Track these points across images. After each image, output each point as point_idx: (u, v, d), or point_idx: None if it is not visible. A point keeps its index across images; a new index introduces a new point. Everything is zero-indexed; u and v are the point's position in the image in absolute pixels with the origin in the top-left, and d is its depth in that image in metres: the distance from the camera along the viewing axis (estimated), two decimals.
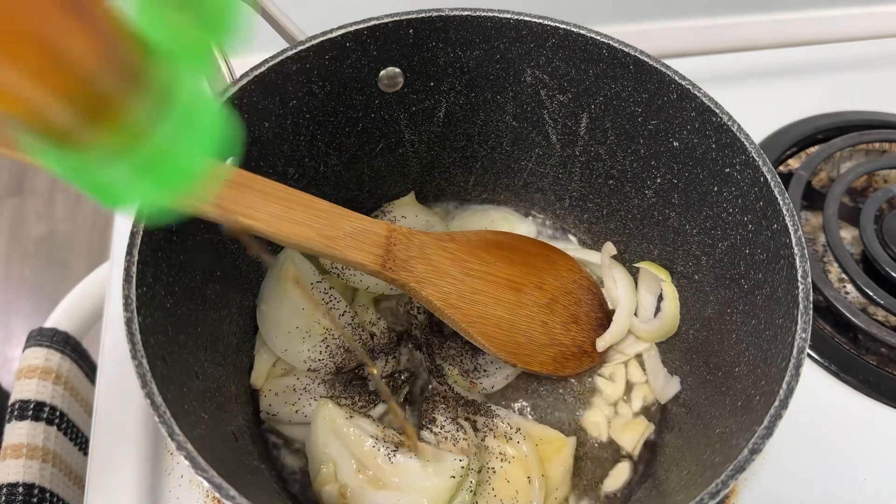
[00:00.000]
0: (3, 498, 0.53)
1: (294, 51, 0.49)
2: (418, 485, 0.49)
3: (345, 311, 0.58)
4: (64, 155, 0.24)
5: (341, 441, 0.51)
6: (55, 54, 0.21)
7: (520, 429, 0.53)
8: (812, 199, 0.71)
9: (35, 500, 0.54)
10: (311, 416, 0.54)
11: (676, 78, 0.49)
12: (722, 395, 0.49)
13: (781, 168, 0.75)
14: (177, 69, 0.25)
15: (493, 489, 0.51)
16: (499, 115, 0.59)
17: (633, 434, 0.56)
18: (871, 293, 0.62)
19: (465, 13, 0.51)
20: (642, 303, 0.60)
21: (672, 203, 0.55)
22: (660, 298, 0.59)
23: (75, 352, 0.66)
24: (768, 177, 0.45)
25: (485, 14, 0.51)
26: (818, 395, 0.60)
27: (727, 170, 0.48)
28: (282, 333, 0.57)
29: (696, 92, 0.48)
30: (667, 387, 0.57)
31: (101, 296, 0.67)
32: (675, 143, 0.51)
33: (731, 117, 0.47)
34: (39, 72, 0.21)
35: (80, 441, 0.63)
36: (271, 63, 0.49)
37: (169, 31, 0.25)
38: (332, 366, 0.56)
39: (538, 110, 0.57)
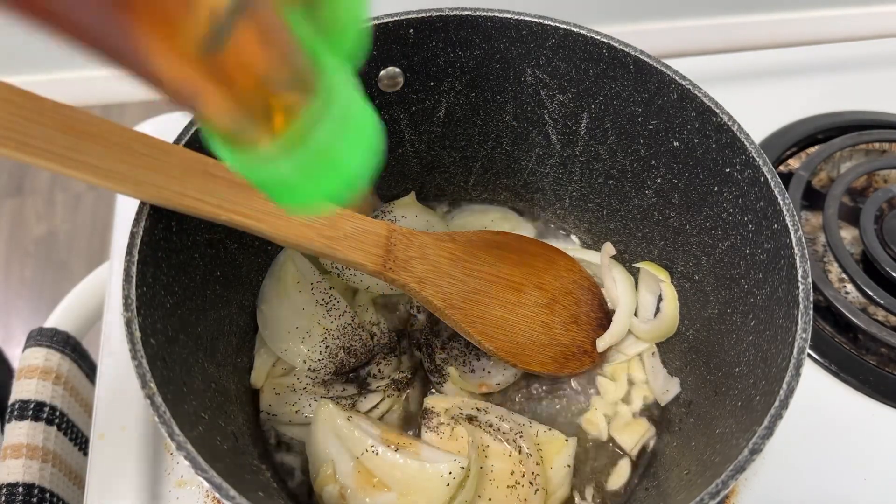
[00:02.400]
0: (3, 498, 0.53)
1: None
2: (418, 485, 0.49)
3: (345, 311, 0.58)
4: (237, 152, 0.27)
5: (341, 441, 0.51)
6: (239, 60, 0.23)
7: (520, 429, 0.53)
8: (812, 199, 0.71)
9: (35, 500, 0.54)
10: (311, 417, 0.54)
11: (677, 78, 0.49)
12: (722, 395, 0.49)
13: (781, 168, 0.75)
14: (332, 71, 0.27)
15: (493, 490, 0.51)
16: (499, 115, 0.59)
17: (633, 434, 0.56)
18: (871, 293, 0.62)
19: (465, 13, 0.51)
20: (642, 303, 0.60)
21: (672, 203, 0.55)
22: (660, 299, 0.59)
23: (75, 352, 0.66)
24: (768, 177, 0.45)
25: (485, 14, 0.51)
26: (818, 395, 0.60)
27: (727, 170, 0.48)
28: (282, 333, 0.57)
29: (696, 92, 0.48)
30: (666, 388, 0.57)
31: (101, 296, 0.67)
32: (676, 143, 0.51)
33: (731, 117, 0.47)
34: (226, 77, 0.23)
35: (80, 441, 0.63)
36: None
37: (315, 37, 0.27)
38: (332, 366, 0.56)
39: (538, 110, 0.57)
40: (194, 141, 0.45)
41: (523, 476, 0.51)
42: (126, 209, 0.67)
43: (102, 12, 0.19)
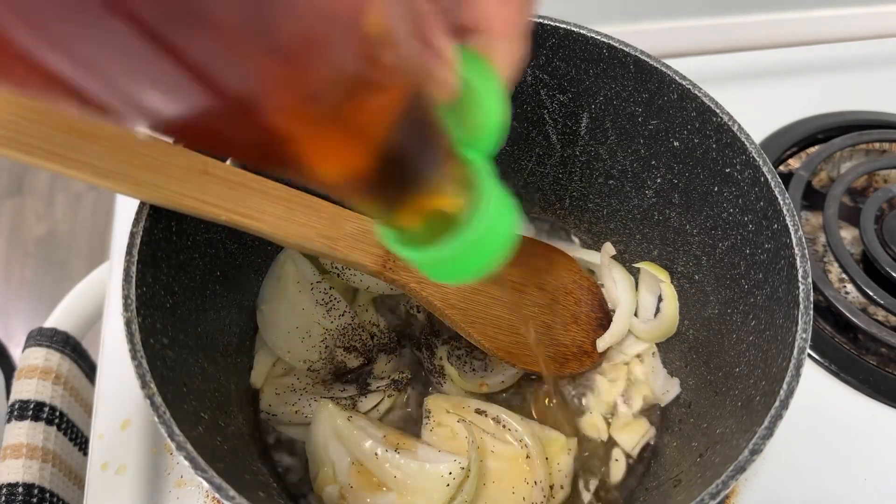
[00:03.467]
0: (3, 498, 0.53)
1: None
2: (418, 486, 0.49)
3: (345, 311, 0.58)
4: (409, 246, 0.31)
5: (341, 442, 0.51)
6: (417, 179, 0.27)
7: (520, 429, 0.52)
8: (812, 199, 0.71)
9: (35, 500, 0.54)
10: (311, 417, 0.54)
11: (677, 78, 0.49)
12: (722, 395, 0.49)
13: (781, 168, 0.75)
14: (481, 168, 0.31)
15: (493, 490, 0.51)
16: None
17: (633, 434, 0.56)
18: (871, 293, 0.62)
19: None
20: (642, 303, 0.60)
21: (672, 203, 0.55)
22: (659, 299, 0.59)
23: (75, 352, 0.66)
24: (769, 177, 0.45)
25: None
26: (818, 396, 0.60)
27: (727, 170, 0.48)
28: (282, 334, 0.57)
29: (696, 92, 0.48)
30: (666, 388, 0.57)
31: (101, 296, 0.67)
32: (676, 143, 0.51)
33: (731, 117, 0.47)
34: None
35: (80, 441, 0.63)
36: None
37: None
38: (332, 366, 0.56)
39: (538, 110, 0.57)
40: None
41: (524, 476, 0.51)
42: (126, 209, 0.67)
43: (281, 152, 0.21)
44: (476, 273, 0.33)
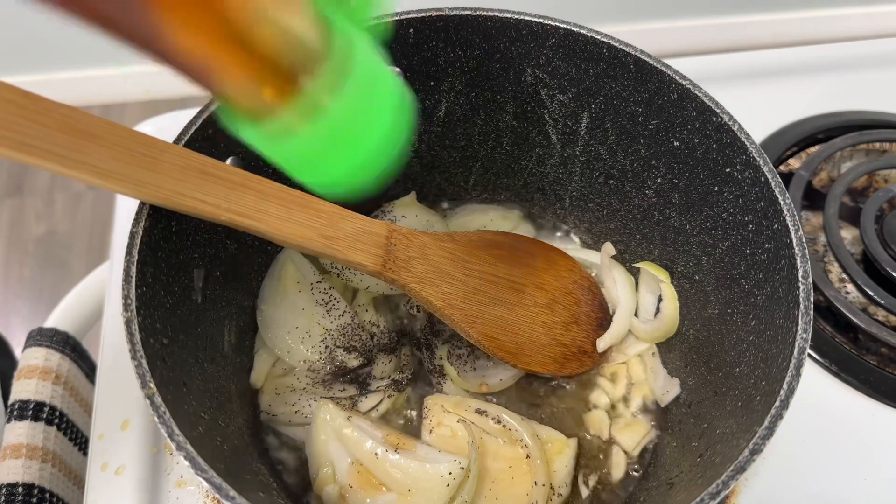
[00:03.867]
0: (3, 498, 0.53)
1: None
2: (418, 486, 0.49)
3: (345, 311, 0.58)
4: (257, 127, 0.26)
5: (341, 442, 0.51)
6: (249, 33, 0.22)
7: (520, 429, 0.52)
8: (812, 199, 0.71)
9: (35, 500, 0.54)
10: (311, 417, 0.54)
11: (677, 78, 0.49)
12: (722, 395, 0.49)
13: (782, 168, 0.75)
14: (348, 37, 0.26)
15: (492, 490, 0.51)
16: (499, 115, 0.59)
17: (633, 434, 0.56)
18: (871, 293, 0.62)
19: (465, 13, 0.51)
20: (642, 303, 0.60)
21: (672, 203, 0.55)
22: (659, 299, 0.59)
23: (75, 352, 0.66)
24: (769, 177, 0.45)
25: (485, 14, 0.51)
26: (818, 395, 0.60)
27: (728, 170, 0.48)
28: (282, 334, 0.57)
29: (696, 92, 0.48)
30: (666, 388, 0.57)
31: (101, 296, 0.67)
32: (676, 143, 0.51)
33: (731, 117, 0.47)
34: (234, 45, 0.23)
35: (80, 441, 0.63)
36: None
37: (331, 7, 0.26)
38: (332, 366, 0.56)
39: (538, 110, 0.57)
40: (194, 141, 0.45)
41: (524, 476, 0.51)
42: (126, 209, 0.67)
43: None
44: (354, 171, 0.28)
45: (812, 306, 0.41)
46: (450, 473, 0.49)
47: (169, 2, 0.20)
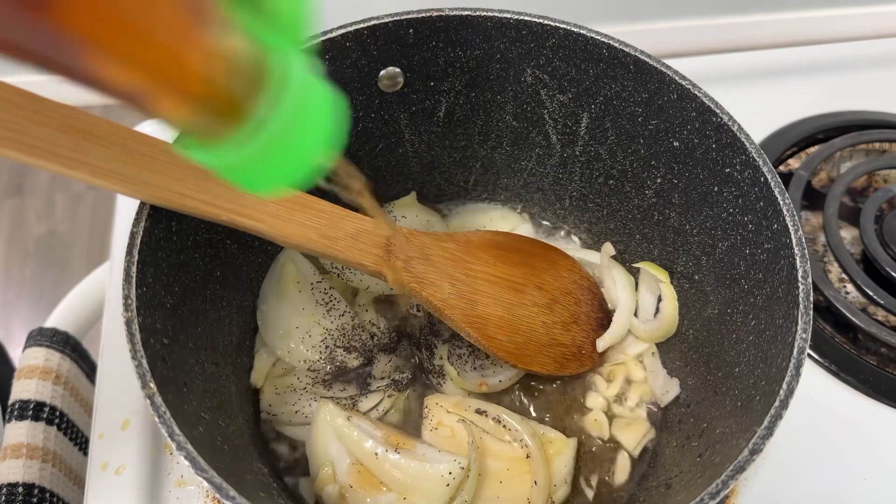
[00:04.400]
0: (3, 498, 0.53)
1: None
2: (418, 486, 0.49)
3: (345, 311, 0.58)
4: (200, 146, 0.27)
5: (341, 441, 0.51)
6: (181, 61, 0.23)
7: (520, 429, 0.53)
8: (812, 199, 0.71)
9: (35, 500, 0.54)
10: (311, 417, 0.54)
11: (676, 78, 0.49)
12: (722, 395, 0.49)
13: (781, 168, 0.75)
14: (283, 59, 0.27)
15: (493, 490, 0.51)
16: (499, 115, 0.59)
17: (633, 434, 0.56)
18: (871, 293, 0.62)
19: (465, 13, 0.51)
20: (642, 303, 0.60)
21: (672, 203, 0.55)
22: (659, 299, 0.59)
23: (75, 352, 0.66)
24: (768, 177, 0.45)
25: (485, 14, 0.51)
26: (818, 395, 0.60)
27: (727, 170, 0.48)
28: (282, 333, 0.57)
29: (696, 92, 0.48)
30: (666, 389, 0.57)
31: (101, 296, 0.67)
32: (676, 143, 0.51)
33: (731, 117, 0.47)
34: (169, 76, 0.24)
35: (80, 441, 0.63)
36: None
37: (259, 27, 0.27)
38: (332, 366, 0.56)
39: (538, 110, 0.57)
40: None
41: (524, 476, 0.51)
42: (126, 209, 0.67)
43: (47, 33, 0.19)
44: (288, 177, 0.29)
45: (812, 306, 0.41)
46: (450, 473, 0.49)
47: (98, 41, 0.20)
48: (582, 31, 0.51)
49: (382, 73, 0.54)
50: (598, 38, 0.50)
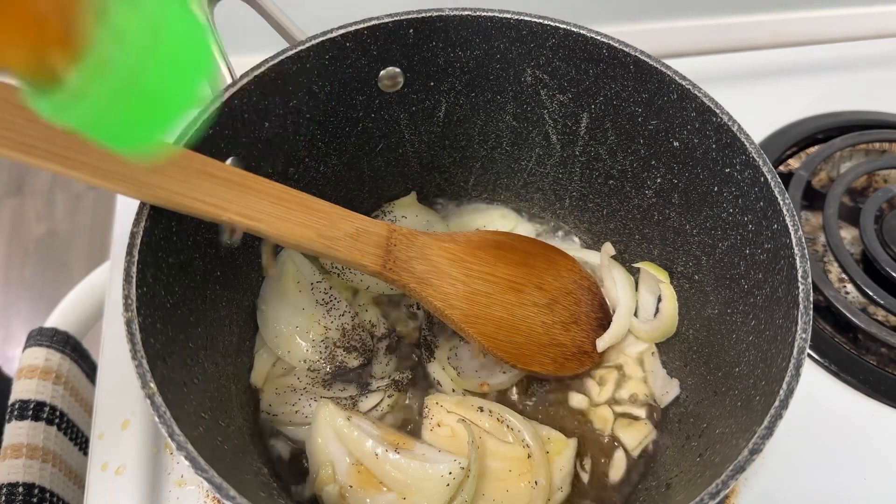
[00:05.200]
0: (3, 498, 0.53)
1: (294, 51, 0.49)
2: (418, 485, 0.49)
3: (345, 311, 0.58)
4: (46, 97, 0.24)
5: (341, 441, 0.51)
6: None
7: (522, 429, 0.53)
8: (812, 199, 0.71)
9: (35, 500, 0.54)
10: (311, 417, 0.54)
11: (676, 78, 0.49)
12: (722, 395, 0.49)
13: (781, 168, 0.75)
14: None
15: (493, 490, 0.51)
16: (499, 115, 0.59)
17: (634, 434, 0.56)
18: (871, 293, 0.62)
19: (465, 13, 0.51)
20: (642, 303, 0.60)
21: (672, 203, 0.55)
22: (659, 299, 0.59)
23: (75, 352, 0.66)
24: (768, 177, 0.45)
25: (485, 14, 0.51)
26: (818, 395, 0.60)
27: (727, 170, 0.48)
28: (282, 334, 0.57)
29: (696, 92, 0.48)
30: (666, 389, 0.57)
31: (101, 296, 0.67)
32: (676, 143, 0.51)
33: (731, 117, 0.47)
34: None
35: (80, 441, 0.63)
36: (271, 63, 0.49)
37: None
38: (332, 366, 0.56)
39: (538, 110, 0.57)
40: (194, 141, 0.45)
41: (525, 476, 0.51)
42: (126, 209, 0.67)
43: None
44: (155, 127, 0.25)
45: (811, 306, 0.41)
46: (450, 473, 0.49)
47: None
48: (582, 31, 0.51)
49: (382, 73, 0.54)
50: (598, 38, 0.50)
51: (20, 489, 0.54)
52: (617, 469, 0.55)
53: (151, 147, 0.26)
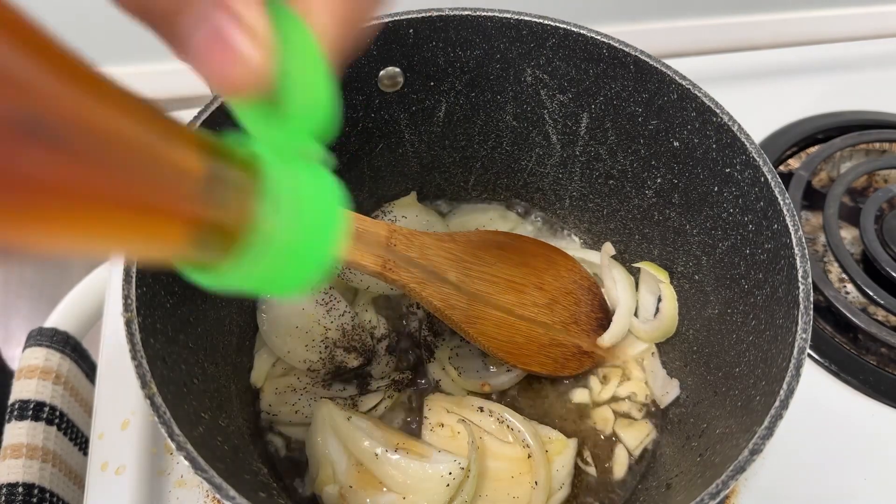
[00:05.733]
0: (3, 498, 0.53)
1: None
2: (418, 486, 0.49)
3: (345, 311, 0.58)
4: (212, 274, 0.26)
5: (341, 441, 0.51)
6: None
7: (523, 429, 0.53)
8: (812, 199, 0.71)
9: (35, 500, 0.54)
10: (310, 417, 0.54)
11: (677, 78, 0.49)
12: (722, 395, 0.49)
13: (781, 168, 0.75)
14: (278, 171, 0.26)
15: (493, 490, 0.51)
16: (499, 115, 0.59)
17: (634, 434, 0.56)
18: (871, 293, 0.62)
19: (465, 13, 0.51)
20: (642, 303, 0.60)
21: (672, 203, 0.55)
22: (659, 299, 0.59)
23: (75, 352, 0.66)
24: (769, 177, 0.45)
25: (485, 14, 0.51)
26: (818, 396, 0.60)
27: (727, 170, 0.48)
28: (282, 333, 0.57)
29: (696, 92, 0.48)
30: (666, 389, 0.57)
31: (101, 296, 0.67)
32: (676, 143, 0.51)
33: (731, 117, 0.47)
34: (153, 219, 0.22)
35: (80, 441, 0.63)
36: None
37: (269, 135, 0.26)
38: (332, 366, 0.56)
39: (538, 110, 0.57)
40: None
41: (525, 476, 0.51)
42: None
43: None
44: (304, 278, 0.28)
45: (812, 306, 0.41)
46: (450, 473, 0.49)
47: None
48: (582, 31, 0.51)
49: (382, 73, 0.54)
50: (598, 38, 0.50)
51: (20, 489, 0.54)
52: (620, 466, 0.55)
53: (298, 290, 0.28)
